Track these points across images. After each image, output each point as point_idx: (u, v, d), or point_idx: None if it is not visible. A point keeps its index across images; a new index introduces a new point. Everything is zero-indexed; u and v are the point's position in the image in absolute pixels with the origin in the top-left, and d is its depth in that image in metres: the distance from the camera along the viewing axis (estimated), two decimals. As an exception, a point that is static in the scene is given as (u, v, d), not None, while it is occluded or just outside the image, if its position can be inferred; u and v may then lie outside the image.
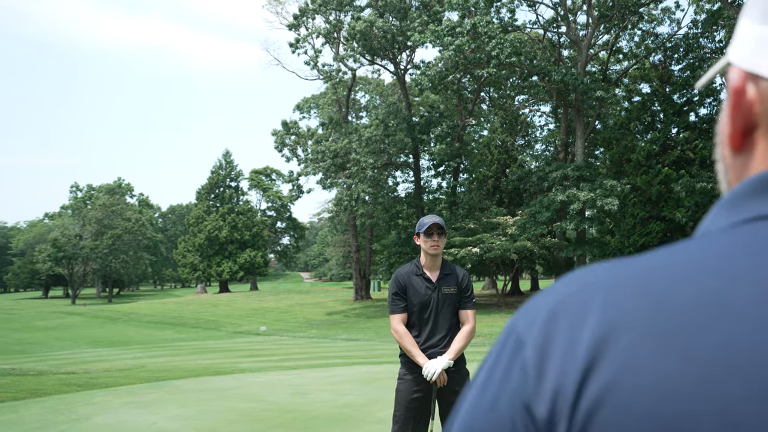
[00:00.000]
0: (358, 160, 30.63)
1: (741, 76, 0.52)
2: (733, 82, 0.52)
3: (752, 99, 0.51)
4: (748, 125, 0.51)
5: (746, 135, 0.52)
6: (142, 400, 7.78)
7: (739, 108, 0.52)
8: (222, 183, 59.69)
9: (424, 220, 4.03)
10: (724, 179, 0.56)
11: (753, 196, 0.48)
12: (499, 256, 28.02)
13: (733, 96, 0.52)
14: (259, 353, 16.86)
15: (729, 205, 0.49)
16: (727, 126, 0.54)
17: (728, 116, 0.53)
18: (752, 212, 0.47)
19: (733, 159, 0.54)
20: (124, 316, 38.96)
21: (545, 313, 0.47)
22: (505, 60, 26.10)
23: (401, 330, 3.97)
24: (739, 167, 0.53)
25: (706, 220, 0.51)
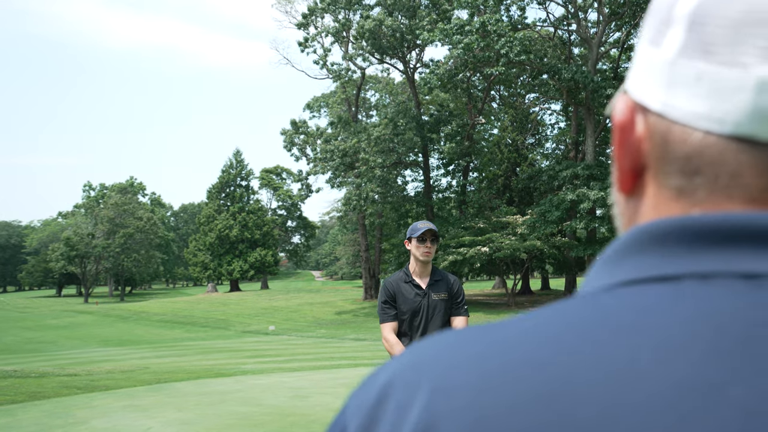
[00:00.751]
0: (367, 159, 30.56)
1: (629, 107, 0.46)
2: (618, 116, 0.47)
3: (640, 135, 0.45)
4: (637, 166, 0.45)
5: (636, 177, 0.46)
6: (141, 403, 7.74)
7: (626, 146, 0.46)
8: (233, 182, 59.83)
9: (417, 225, 3.94)
10: (619, 225, 0.50)
11: (632, 254, 0.43)
12: (508, 255, 27.88)
13: (618, 132, 0.46)
14: (265, 354, 16.84)
15: (609, 261, 0.44)
16: (615, 166, 0.48)
17: (615, 155, 0.47)
18: (627, 274, 0.42)
19: (625, 203, 0.48)
20: (134, 315, 39.14)
21: (373, 396, 0.42)
22: (515, 58, 25.92)
23: (392, 339, 3.89)
24: (631, 213, 0.47)
25: (588, 275, 0.46)
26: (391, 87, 40.94)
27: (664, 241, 0.41)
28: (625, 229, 0.48)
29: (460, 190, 34.46)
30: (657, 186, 0.44)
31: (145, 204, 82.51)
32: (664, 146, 0.43)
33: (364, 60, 33.85)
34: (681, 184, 0.42)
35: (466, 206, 32.99)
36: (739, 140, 0.40)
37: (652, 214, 0.44)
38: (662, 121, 0.43)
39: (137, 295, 76.02)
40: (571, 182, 27.74)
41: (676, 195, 0.43)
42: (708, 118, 0.40)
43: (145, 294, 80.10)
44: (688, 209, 0.42)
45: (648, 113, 0.44)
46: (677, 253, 0.40)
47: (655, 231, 0.42)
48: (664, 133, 0.43)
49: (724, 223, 0.40)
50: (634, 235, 0.43)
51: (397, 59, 33.77)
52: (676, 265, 0.40)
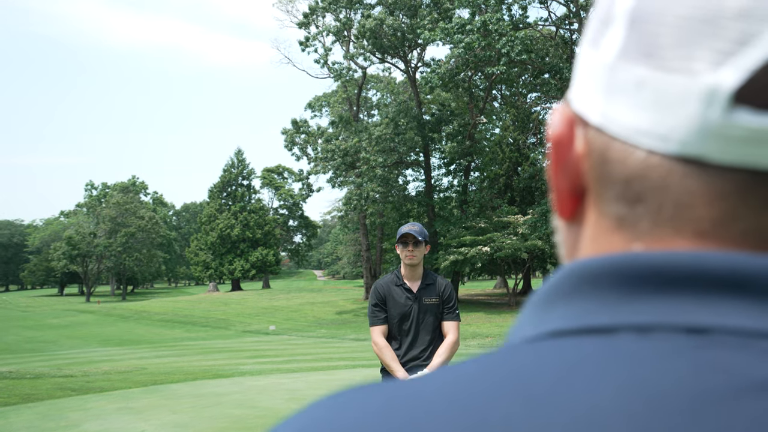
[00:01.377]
0: (368, 158, 30.48)
1: (567, 119, 0.39)
2: (553, 129, 0.40)
3: (579, 153, 0.38)
4: (576, 188, 0.39)
5: (576, 200, 0.39)
6: (136, 405, 7.69)
7: (564, 165, 0.39)
8: (234, 181, 59.81)
9: (401, 228, 3.86)
10: (561, 255, 0.43)
11: (563, 297, 0.36)
12: (510, 255, 27.78)
13: (554, 148, 0.40)
14: (265, 354, 16.79)
15: (539, 305, 0.37)
16: (553, 187, 0.41)
17: (552, 175, 0.40)
18: (555, 322, 0.35)
19: (566, 230, 0.42)
20: (135, 314, 39.13)
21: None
22: (516, 57, 25.83)
23: (381, 343, 3.82)
24: (572, 242, 0.41)
25: (518, 319, 0.39)
26: (392, 86, 40.84)
27: (599, 283, 0.34)
28: (566, 261, 0.42)
29: (462, 189, 34.36)
30: (597, 213, 0.38)
31: (147, 203, 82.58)
32: (603, 166, 0.36)
33: (365, 59, 33.78)
34: (622, 212, 0.35)
35: (468, 206, 32.90)
36: (686, 161, 0.33)
37: (591, 247, 0.38)
38: (601, 136, 0.36)
39: (139, 294, 76.06)
40: (573, 182, 27.66)
41: (616, 225, 0.36)
42: (650, 134, 0.33)
43: (146, 293, 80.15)
44: (628, 243, 0.35)
45: (588, 127, 0.37)
46: (613, 300, 0.33)
47: (589, 271, 0.35)
48: (603, 151, 0.36)
49: (667, 263, 0.32)
50: (567, 274, 0.36)
51: (398, 58, 33.69)
52: (611, 314, 0.33)
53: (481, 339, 19.37)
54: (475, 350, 16.27)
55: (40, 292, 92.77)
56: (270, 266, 58.44)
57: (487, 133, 39.33)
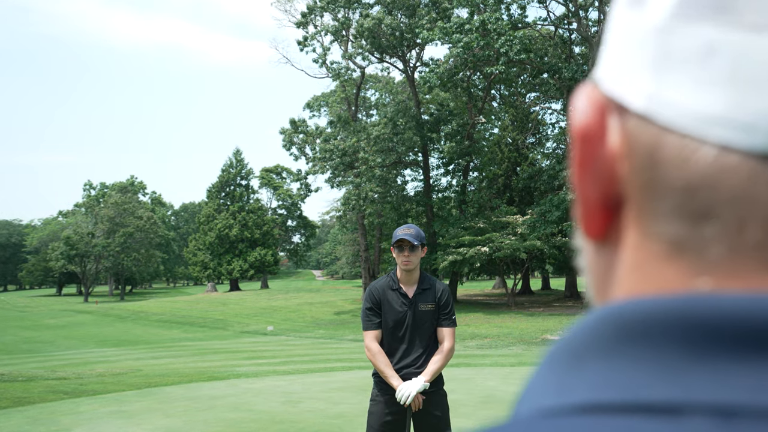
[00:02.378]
0: (367, 158, 30.37)
1: (597, 106, 0.29)
2: (579, 120, 0.30)
3: (613, 150, 0.28)
4: (610, 198, 0.29)
5: (609, 214, 0.29)
6: (128, 409, 7.57)
7: (592, 167, 0.29)
8: (232, 181, 59.68)
9: (397, 231, 3.71)
10: (588, 287, 0.33)
11: (596, 355, 0.25)
12: (508, 255, 27.69)
13: (580, 145, 0.29)
14: (262, 355, 16.67)
15: (562, 363, 0.27)
16: (577, 195, 0.31)
17: (576, 179, 0.30)
18: (585, 392, 0.24)
19: (595, 253, 0.31)
20: (133, 314, 38.99)
21: None
22: (515, 57, 25.73)
23: (374, 348, 3.70)
24: (603, 270, 0.30)
25: (532, 380, 0.28)
26: (390, 86, 40.72)
27: (651, 338, 0.24)
28: (597, 297, 0.31)
29: (460, 189, 34.24)
30: (641, 233, 0.27)
31: (146, 203, 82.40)
32: (651, 169, 0.26)
33: (364, 59, 33.67)
34: (680, 233, 0.26)
35: (466, 206, 32.80)
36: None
37: (633, 281, 0.27)
38: (648, 127, 0.26)
39: (137, 295, 75.90)
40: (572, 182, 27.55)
41: (671, 251, 0.26)
42: (726, 121, 0.24)
43: (145, 293, 79.98)
44: (690, 279, 0.25)
45: (626, 115, 0.27)
46: (675, 364, 0.23)
47: (636, 319, 0.25)
48: (651, 148, 0.26)
49: (757, 314, 0.22)
50: (602, 322, 0.26)
51: (396, 58, 33.59)
52: (675, 387, 0.23)
53: (480, 340, 19.26)
54: (474, 351, 16.15)
55: (38, 292, 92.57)
56: (268, 266, 58.32)
57: (486, 132, 39.23)
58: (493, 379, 9.82)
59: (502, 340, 19.08)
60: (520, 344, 17.87)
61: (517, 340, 18.92)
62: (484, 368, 11.34)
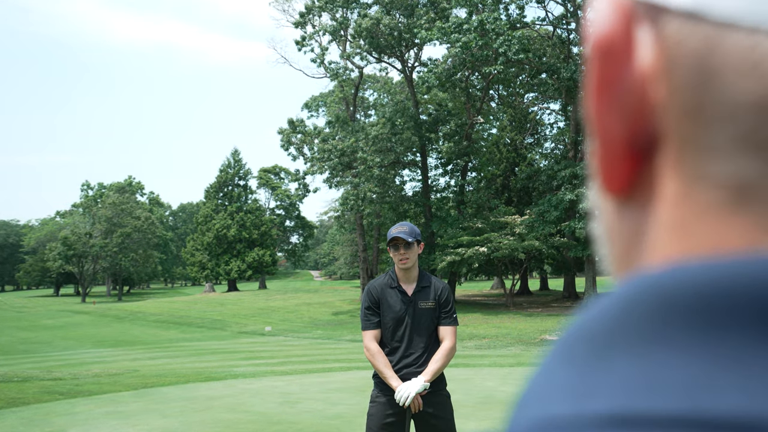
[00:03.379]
0: (365, 158, 30.31)
1: (622, 12, 0.21)
2: (600, 29, 0.21)
3: (646, 68, 0.20)
4: (640, 136, 0.21)
5: (638, 159, 0.21)
6: (124, 410, 7.50)
7: (616, 92, 0.21)
8: (231, 182, 59.60)
9: (390, 230, 3.65)
10: (609, 259, 0.25)
11: (628, 344, 0.18)
12: (507, 255, 27.65)
13: (599, 61, 0.21)
14: (259, 356, 16.59)
15: (580, 353, 0.19)
16: (595, 136, 0.22)
17: (594, 112, 0.22)
18: (614, 396, 0.17)
19: (618, 214, 0.23)
20: (131, 315, 38.89)
21: None
22: (513, 57, 25.69)
23: (374, 348, 3.64)
24: (629, 236, 0.22)
25: (536, 378, 0.20)
26: (389, 86, 40.67)
27: (710, 320, 0.16)
28: (619, 270, 0.23)
29: (459, 189, 34.20)
30: (686, 180, 0.20)
31: (144, 203, 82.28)
32: (703, 85, 0.18)
33: (362, 59, 33.61)
34: (748, 172, 0.18)
35: (465, 206, 32.75)
36: None
37: (677, 243, 0.20)
38: (698, 28, 0.18)
39: (135, 295, 75.77)
40: (570, 182, 27.51)
41: (733, 200, 0.18)
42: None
43: (143, 293, 79.84)
44: (761, 233, 0.18)
45: (665, 19, 0.19)
46: (746, 361, 0.15)
47: (684, 295, 0.17)
48: (704, 55, 0.18)
49: None
50: (634, 300, 0.19)
51: (395, 58, 33.53)
52: (745, 393, 0.15)
53: (478, 340, 19.20)
54: (472, 351, 16.09)
55: (35, 292, 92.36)
56: (266, 267, 58.24)
57: (485, 133, 39.19)
58: (492, 379, 9.76)
59: (501, 340, 19.03)
60: (519, 345, 17.83)
61: (515, 340, 18.87)
62: (482, 368, 11.29)
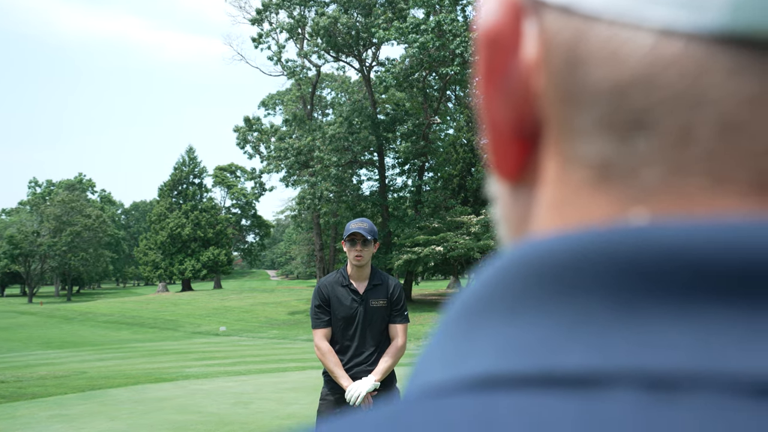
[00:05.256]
0: (322, 157, 30.21)
1: (510, 5, 0.22)
2: (488, 21, 0.22)
3: (530, 60, 0.21)
4: (526, 122, 0.22)
5: (524, 144, 0.23)
6: (70, 412, 7.29)
7: (502, 83, 0.22)
8: (185, 180, 58.69)
9: (349, 224, 3.62)
10: (504, 238, 0.27)
11: (499, 311, 0.19)
12: (463, 255, 27.90)
13: (487, 52, 0.22)
14: (213, 356, 16.36)
15: (460, 326, 0.20)
16: (486, 124, 0.25)
17: (483, 101, 0.24)
18: (481, 362, 0.18)
19: (511, 198, 0.25)
20: (80, 315, 37.91)
21: None
22: (470, 58, 25.93)
23: (324, 347, 3.61)
24: (519, 218, 0.24)
25: (427, 348, 0.22)
26: (346, 85, 40.63)
27: (571, 285, 0.17)
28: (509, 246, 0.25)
29: (416, 189, 34.37)
30: (561, 161, 0.21)
31: (95, 201, 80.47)
32: (571, 73, 0.19)
33: (320, 57, 33.47)
34: (606, 152, 0.19)
35: (422, 206, 32.93)
36: (741, 45, 0.16)
37: (553, 218, 0.21)
38: (570, 20, 0.19)
39: (85, 295, 73.94)
40: (525, 183, 27.96)
41: (596, 178, 0.19)
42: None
43: (93, 294, 77.98)
44: (622, 210, 0.19)
45: (545, 12, 0.20)
46: (600, 319, 0.16)
47: (552, 261, 0.18)
48: (573, 45, 0.19)
49: (713, 250, 0.16)
50: (506, 270, 0.20)
51: (352, 57, 33.50)
52: (597, 349, 0.16)
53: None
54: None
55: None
56: (222, 266, 57.52)
57: (441, 133, 39.49)
58: (447, 377, 9.82)
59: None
60: (474, 343, 18.00)
61: (470, 339, 19.05)
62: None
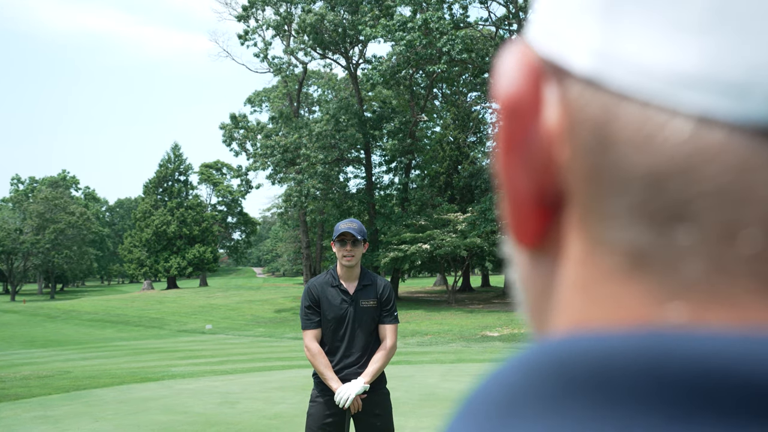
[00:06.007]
0: (309, 155, 30.12)
1: (529, 71, 0.21)
2: (508, 87, 0.22)
3: (552, 129, 0.20)
4: (547, 192, 0.21)
5: (546, 214, 0.21)
6: (54, 413, 7.21)
7: (523, 150, 0.21)
8: (170, 177, 58.32)
9: (339, 225, 3.60)
10: (524, 304, 0.25)
11: (537, 412, 0.17)
12: (449, 252, 27.93)
13: (507, 120, 0.22)
14: (199, 355, 16.26)
15: (488, 421, 0.18)
16: (505, 191, 0.23)
17: (502, 169, 0.23)
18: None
19: (531, 265, 0.23)
20: (64, 313, 37.56)
21: None
22: (457, 56, 25.95)
23: (314, 348, 3.59)
24: (541, 288, 0.22)
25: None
26: (333, 82, 40.51)
27: (607, 396, 0.15)
28: (535, 324, 0.23)
29: (402, 187, 34.37)
30: (589, 242, 0.19)
31: (78, 198, 79.74)
32: (601, 152, 0.18)
33: (306, 54, 33.35)
34: (642, 242, 0.17)
35: (408, 203, 32.94)
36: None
37: (580, 305, 0.19)
38: (597, 94, 0.18)
39: (69, 293, 73.27)
40: (511, 181, 28.01)
41: (629, 266, 0.18)
42: (707, 81, 0.15)
43: (77, 291, 77.29)
44: (657, 305, 0.17)
45: (568, 81, 0.19)
46: None
47: (581, 369, 0.16)
48: (602, 122, 0.18)
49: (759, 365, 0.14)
50: (539, 368, 0.18)
51: (339, 54, 33.41)
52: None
53: (421, 337, 19.33)
54: (414, 348, 16.18)
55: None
56: (208, 264, 57.23)
57: (428, 131, 39.51)
58: (433, 376, 9.82)
59: (443, 336, 19.20)
60: (460, 341, 18.02)
61: (457, 336, 19.07)
62: (424, 365, 11.35)
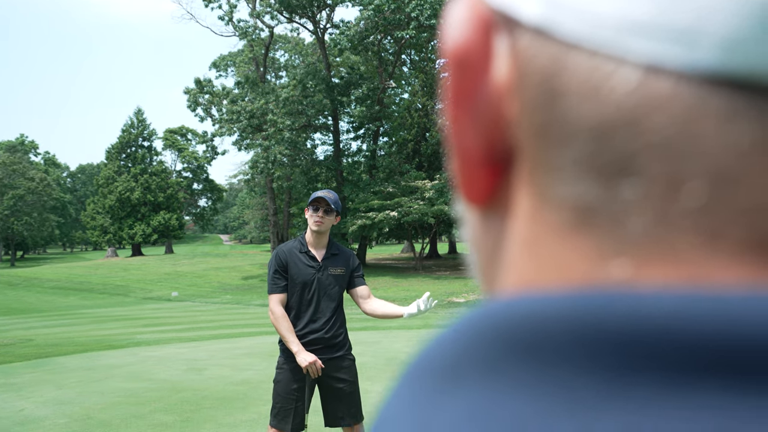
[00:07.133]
0: (276, 121, 29.74)
1: (479, 21, 0.20)
2: (456, 38, 0.21)
3: (501, 82, 0.19)
4: (496, 148, 0.20)
5: (495, 171, 0.20)
6: (16, 381, 7.11)
7: (471, 105, 0.20)
8: (134, 142, 57.21)
9: (317, 192, 3.66)
10: (475, 264, 0.24)
11: (476, 376, 0.17)
12: (417, 219, 28.06)
13: (455, 73, 0.22)
14: (165, 322, 16.16)
15: (429, 385, 0.18)
16: (453, 146, 0.22)
17: (451, 123, 0.22)
18: None
19: (481, 223, 0.22)
20: (25, 281, 36.90)
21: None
22: (425, 22, 25.75)
23: (278, 312, 3.59)
24: (491, 246, 0.22)
25: (385, 411, 0.20)
26: (300, 47, 39.91)
27: (545, 358, 0.16)
28: (484, 283, 0.23)
29: (370, 154, 34.25)
30: (536, 197, 0.19)
31: (38, 164, 77.83)
32: (548, 104, 0.18)
33: (272, 18, 32.70)
34: (588, 196, 0.17)
35: (376, 171, 32.87)
36: (736, 88, 0.14)
37: (527, 263, 0.19)
38: (546, 45, 0.18)
39: (30, 260, 71.93)
40: (479, 148, 28.14)
41: (575, 222, 0.17)
42: (655, 29, 0.15)
43: (39, 259, 75.91)
44: (602, 261, 0.17)
45: (519, 32, 0.19)
46: (575, 399, 0.15)
47: (521, 331, 0.16)
48: (550, 73, 0.17)
49: (708, 330, 0.14)
50: (481, 330, 0.18)
51: (306, 18, 32.82)
52: (580, 427, 0.14)
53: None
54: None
55: None
56: (173, 231, 56.60)
57: (396, 98, 39.30)
58: (400, 341, 9.92)
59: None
60: (427, 307, 18.21)
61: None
62: (391, 331, 11.46)
